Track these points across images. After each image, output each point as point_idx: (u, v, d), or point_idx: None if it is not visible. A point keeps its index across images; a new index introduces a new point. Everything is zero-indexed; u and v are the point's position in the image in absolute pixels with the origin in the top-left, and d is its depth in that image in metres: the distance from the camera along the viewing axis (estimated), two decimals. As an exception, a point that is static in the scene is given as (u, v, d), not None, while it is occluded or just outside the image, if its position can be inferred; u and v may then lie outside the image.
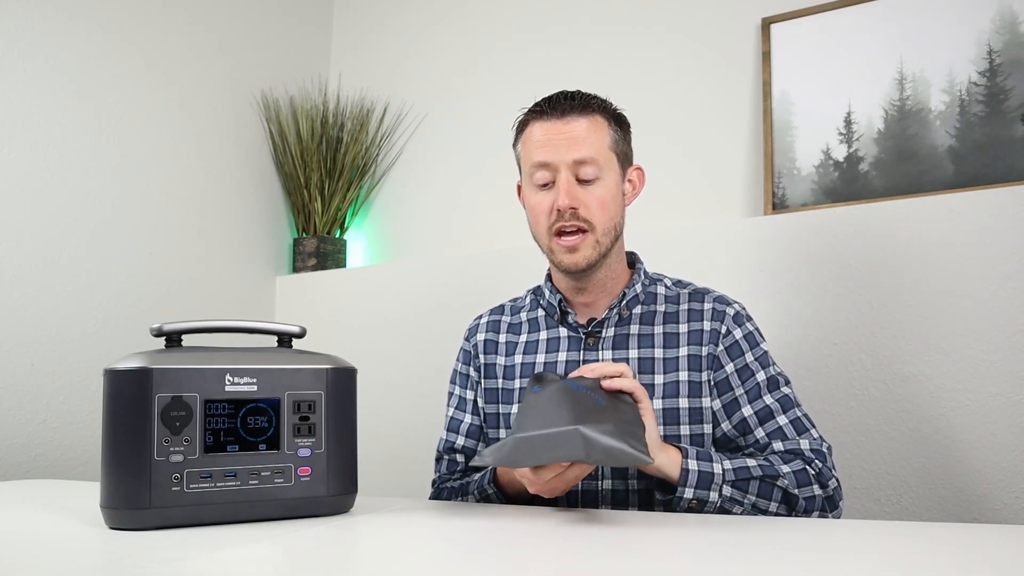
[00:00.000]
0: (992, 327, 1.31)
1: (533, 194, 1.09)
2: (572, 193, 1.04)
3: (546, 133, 1.06)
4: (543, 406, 0.84)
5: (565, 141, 1.04)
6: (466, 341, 1.24)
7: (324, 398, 0.87)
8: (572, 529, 0.78)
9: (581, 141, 1.05)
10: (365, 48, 2.39)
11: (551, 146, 1.05)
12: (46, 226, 1.65)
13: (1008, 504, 1.27)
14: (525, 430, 0.81)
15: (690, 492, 0.92)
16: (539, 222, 1.08)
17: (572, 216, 1.04)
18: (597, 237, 1.06)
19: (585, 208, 1.05)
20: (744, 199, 1.72)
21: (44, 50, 1.66)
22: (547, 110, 1.07)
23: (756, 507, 0.97)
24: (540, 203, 1.07)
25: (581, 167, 1.05)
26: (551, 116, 1.06)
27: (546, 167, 1.06)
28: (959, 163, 1.47)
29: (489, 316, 1.24)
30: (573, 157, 1.04)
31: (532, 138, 1.08)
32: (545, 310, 1.18)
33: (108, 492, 0.78)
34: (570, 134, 1.05)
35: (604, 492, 1.05)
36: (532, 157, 1.07)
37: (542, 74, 2.03)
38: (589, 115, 1.06)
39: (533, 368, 1.13)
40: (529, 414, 0.84)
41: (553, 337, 1.14)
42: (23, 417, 1.58)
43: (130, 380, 0.78)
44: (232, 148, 2.10)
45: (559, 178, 1.05)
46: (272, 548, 0.70)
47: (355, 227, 2.32)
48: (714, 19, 1.80)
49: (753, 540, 0.71)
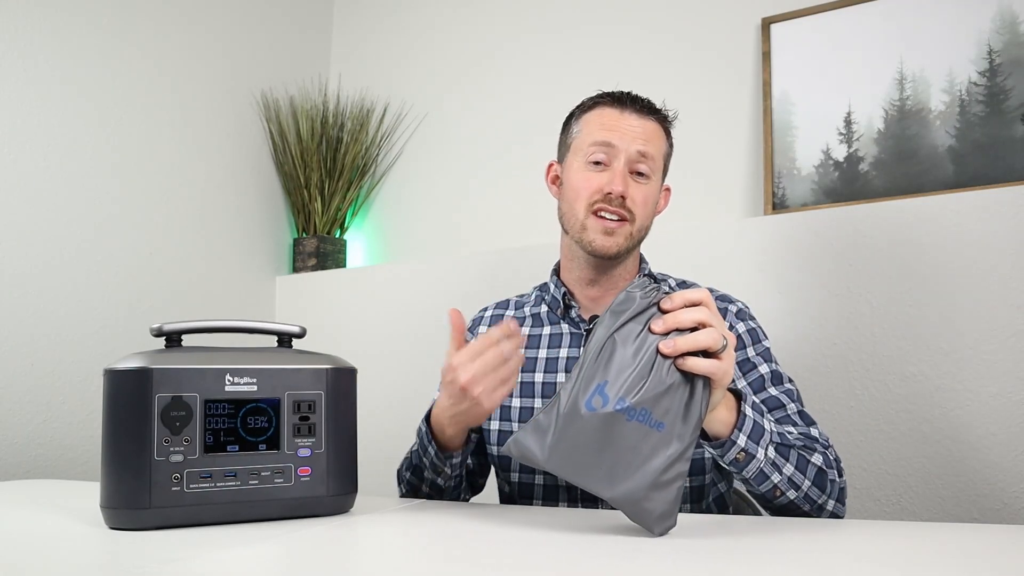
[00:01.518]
0: (992, 327, 1.31)
1: (582, 169, 1.09)
2: (626, 182, 1.07)
3: (619, 120, 1.09)
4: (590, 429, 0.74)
5: (633, 131, 1.08)
6: (468, 332, 1.24)
7: (324, 398, 0.87)
8: (572, 529, 0.78)
9: (648, 139, 1.09)
10: (365, 48, 2.39)
11: (620, 131, 1.08)
12: (46, 226, 1.65)
13: (1008, 504, 1.27)
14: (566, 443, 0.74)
15: (743, 440, 0.85)
16: (580, 197, 1.08)
17: (619, 204, 1.06)
18: (633, 230, 1.08)
19: (631, 200, 1.07)
20: (744, 199, 1.72)
21: (44, 50, 1.66)
22: (624, 100, 1.10)
23: (792, 482, 0.91)
24: (589, 179, 1.08)
25: (640, 161, 1.08)
26: (627, 107, 1.09)
27: (608, 147, 1.07)
28: (959, 163, 1.47)
29: (494, 310, 1.25)
30: (637, 148, 1.07)
31: (601, 118, 1.10)
32: (549, 305, 1.18)
33: (108, 492, 0.78)
34: (641, 128, 1.09)
35: None
36: (595, 135, 1.08)
37: (542, 74, 2.03)
38: (658, 120, 1.12)
39: (534, 364, 1.13)
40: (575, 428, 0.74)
41: (556, 333, 1.15)
42: (23, 417, 1.58)
43: (130, 380, 0.78)
44: (232, 148, 2.10)
45: (616, 164, 1.07)
46: (272, 548, 0.70)
47: (355, 227, 2.32)
48: (714, 19, 1.80)
49: (751, 540, 0.71)
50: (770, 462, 0.88)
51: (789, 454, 0.92)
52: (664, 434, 0.73)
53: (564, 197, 1.12)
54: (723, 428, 0.84)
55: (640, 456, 0.73)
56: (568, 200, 1.11)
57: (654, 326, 0.76)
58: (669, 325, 0.75)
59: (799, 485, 0.92)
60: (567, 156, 1.14)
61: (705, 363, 0.74)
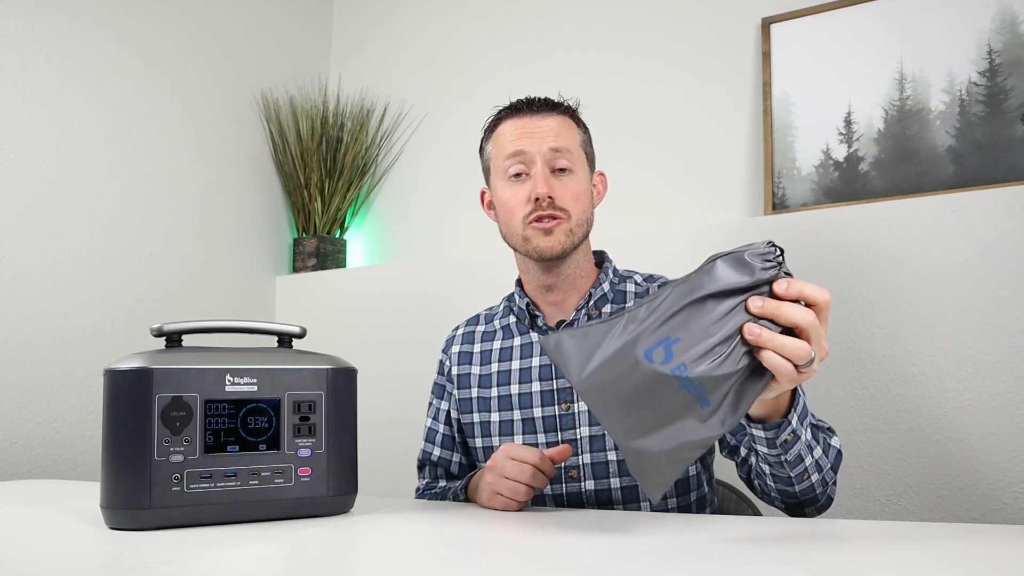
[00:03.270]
0: (992, 327, 1.31)
1: (507, 188, 1.09)
2: (549, 183, 1.06)
3: (521, 127, 1.09)
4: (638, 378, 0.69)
5: (541, 132, 1.08)
6: (443, 353, 1.25)
7: (324, 398, 0.87)
8: (572, 529, 0.78)
9: (558, 134, 1.08)
10: (365, 48, 2.39)
11: (527, 137, 1.08)
12: (46, 226, 1.65)
13: (1008, 504, 1.27)
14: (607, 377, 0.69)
15: (795, 420, 0.81)
16: (514, 214, 1.08)
17: (549, 205, 1.06)
18: (571, 226, 1.07)
19: (560, 198, 1.07)
20: (744, 199, 1.72)
21: (44, 50, 1.66)
22: (520, 108, 1.11)
23: (818, 464, 0.89)
24: (515, 195, 1.08)
25: (556, 157, 1.07)
26: (524, 113, 1.10)
27: (521, 156, 1.07)
28: (959, 163, 1.47)
29: (464, 327, 1.25)
30: (548, 146, 1.07)
31: (505, 133, 1.10)
32: (516, 316, 1.18)
33: (108, 492, 0.78)
34: (544, 126, 1.08)
35: (588, 493, 1.06)
36: (506, 149, 1.09)
37: (542, 74, 2.03)
38: (560, 114, 1.11)
39: (509, 376, 1.13)
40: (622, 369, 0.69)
41: (526, 343, 1.15)
42: (23, 417, 1.58)
43: (130, 380, 0.78)
44: (232, 148, 2.10)
45: (535, 169, 1.07)
46: (272, 548, 0.70)
47: (355, 227, 2.32)
48: (714, 19, 1.80)
49: (750, 540, 0.71)
50: (806, 444, 0.86)
51: (818, 436, 0.91)
52: (706, 413, 0.68)
53: (500, 218, 1.13)
54: (776, 409, 0.81)
55: (673, 427, 0.68)
56: (504, 220, 1.11)
57: (752, 304, 0.68)
58: (768, 312, 0.68)
59: (822, 468, 0.90)
60: (491, 178, 1.14)
61: (782, 367, 0.68)
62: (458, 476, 1.21)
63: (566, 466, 1.06)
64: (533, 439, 1.09)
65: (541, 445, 1.08)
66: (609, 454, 1.05)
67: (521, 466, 0.91)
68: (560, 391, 1.09)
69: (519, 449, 0.93)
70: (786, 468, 0.86)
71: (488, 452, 1.13)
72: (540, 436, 1.09)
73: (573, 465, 1.06)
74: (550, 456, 0.94)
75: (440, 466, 1.21)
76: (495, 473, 0.93)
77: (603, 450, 1.05)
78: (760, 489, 0.98)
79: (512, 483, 0.91)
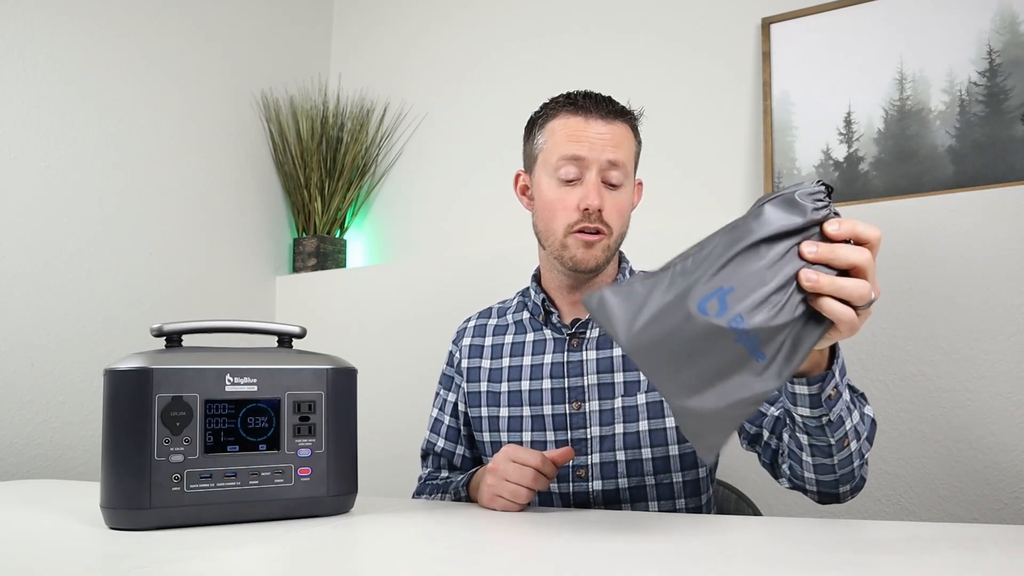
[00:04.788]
0: (992, 327, 1.31)
1: (554, 188, 1.05)
2: (601, 195, 1.02)
3: (581, 129, 1.03)
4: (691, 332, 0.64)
5: (602, 139, 1.03)
6: (453, 344, 1.24)
7: (324, 398, 0.87)
8: (572, 529, 0.78)
9: (618, 145, 1.04)
10: (365, 48, 2.39)
11: (588, 142, 1.02)
12: (46, 226, 1.65)
13: (1008, 504, 1.27)
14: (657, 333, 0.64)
15: (838, 373, 0.78)
16: (557, 218, 1.05)
17: (597, 219, 1.03)
18: (610, 242, 1.06)
19: (607, 213, 1.04)
20: (744, 199, 1.72)
21: (44, 51, 1.66)
22: (588, 106, 1.04)
23: (856, 431, 0.85)
24: (563, 199, 1.04)
25: (612, 170, 1.03)
26: (592, 114, 1.04)
27: (578, 161, 1.03)
28: (959, 163, 1.47)
29: (476, 320, 1.24)
30: (608, 158, 1.02)
31: (566, 128, 1.04)
32: (531, 312, 1.17)
33: (108, 492, 0.78)
34: (609, 135, 1.03)
35: (595, 493, 1.05)
36: (563, 148, 1.03)
37: (543, 74, 2.04)
38: (625, 121, 1.06)
39: (520, 371, 1.13)
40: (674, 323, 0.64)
41: (539, 339, 1.14)
42: (23, 417, 1.58)
43: (130, 380, 0.78)
44: (232, 148, 2.10)
45: (587, 177, 1.03)
46: (272, 548, 0.70)
47: (355, 227, 2.32)
48: (714, 19, 1.80)
49: (751, 541, 0.71)
50: (847, 404, 0.82)
51: (854, 399, 0.87)
52: (760, 367, 0.64)
53: (539, 214, 1.09)
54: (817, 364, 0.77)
55: (729, 382, 0.64)
56: (544, 219, 1.08)
57: (805, 249, 0.65)
58: (822, 257, 0.65)
59: (860, 435, 0.86)
60: (535, 168, 1.10)
61: (843, 313, 0.64)
62: (461, 468, 1.20)
63: (574, 465, 1.06)
64: (542, 436, 1.09)
65: (549, 443, 1.08)
66: (618, 454, 1.05)
67: (522, 469, 0.91)
68: (571, 390, 1.08)
69: (520, 451, 0.93)
70: (827, 433, 0.82)
71: (496, 447, 1.13)
72: (549, 434, 1.08)
73: (581, 464, 1.06)
74: (552, 459, 0.93)
75: (444, 457, 1.21)
76: (496, 475, 0.93)
77: (612, 450, 1.05)
78: (790, 473, 0.92)
79: (513, 486, 0.91)
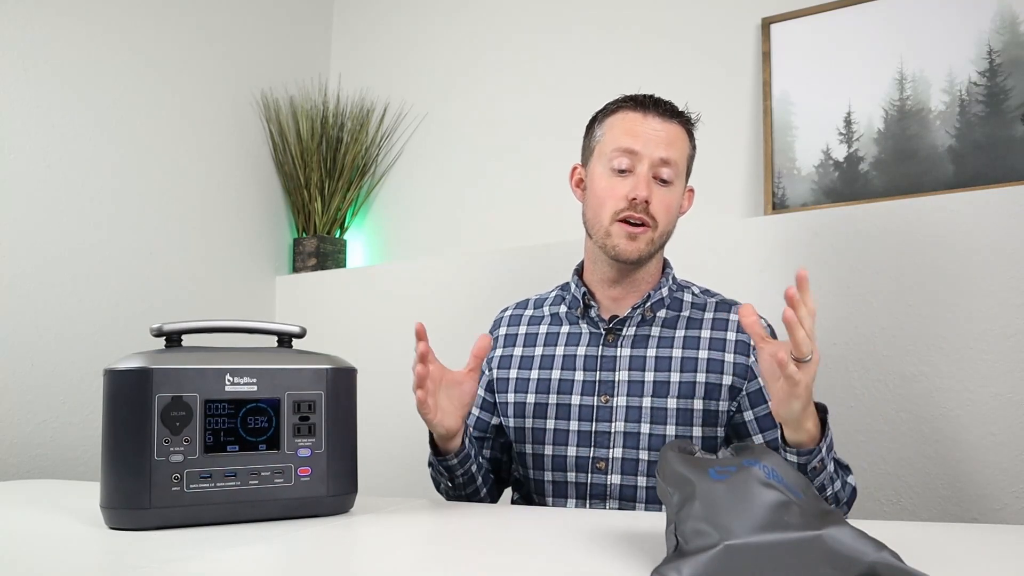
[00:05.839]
0: (992, 327, 1.31)
1: (606, 177, 1.10)
2: (650, 187, 1.07)
3: (642, 124, 1.09)
4: (744, 495, 0.58)
5: (657, 137, 1.08)
6: (489, 334, 1.25)
7: (324, 398, 0.87)
8: (572, 529, 0.78)
9: (671, 143, 1.09)
10: (365, 48, 2.39)
11: (644, 138, 1.08)
12: (46, 226, 1.65)
13: (1008, 504, 1.27)
14: (736, 535, 0.56)
15: (824, 450, 0.90)
16: (605, 205, 1.09)
17: (643, 210, 1.07)
18: (654, 235, 1.09)
19: (654, 206, 1.08)
20: (744, 199, 1.72)
21: (44, 51, 1.66)
22: (647, 105, 1.10)
23: (836, 496, 0.97)
24: (614, 187, 1.08)
25: (663, 167, 1.08)
26: (650, 111, 1.10)
27: (632, 155, 1.08)
28: (959, 163, 1.47)
29: (513, 310, 1.26)
30: (660, 155, 1.08)
31: (624, 123, 1.10)
32: (569, 305, 1.19)
33: (108, 492, 0.78)
34: (664, 133, 1.09)
35: (612, 487, 1.06)
36: (619, 141, 1.09)
37: (542, 74, 2.03)
38: (681, 124, 1.12)
39: (552, 360, 1.14)
40: (725, 507, 0.58)
41: (575, 332, 1.16)
42: (23, 417, 1.58)
43: (130, 380, 0.78)
44: (232, 148, 2.10)
45: (639, 170, 1.08)
46: (272, 548, 0.70)
47: (355, 227, 2.32)
48: (714, 19, 1.80)
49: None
50: (829, 475, 0.93)
51: (837, 470, 0.97)
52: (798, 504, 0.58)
53: (588, 203, 1.13)
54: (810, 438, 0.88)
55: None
56: (593, 207, 1.12)
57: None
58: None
59: (840, 500, 0.97)
60: (591, 160, 1.14)
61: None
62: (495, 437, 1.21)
63: (594, 456, 1.08)
64: (565, 424, 1.11)
65: (572, 432, 1.10)
66: (640, 453, 1.06)
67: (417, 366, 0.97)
68: (602, 383, 1.10)
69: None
70: None
71: (519, 433, 1.15)
72: (573, 423, 1.10)
73: (602, 457, 1.07)
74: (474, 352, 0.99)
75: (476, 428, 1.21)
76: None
77: (635, 448, 1.06)
78: None
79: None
